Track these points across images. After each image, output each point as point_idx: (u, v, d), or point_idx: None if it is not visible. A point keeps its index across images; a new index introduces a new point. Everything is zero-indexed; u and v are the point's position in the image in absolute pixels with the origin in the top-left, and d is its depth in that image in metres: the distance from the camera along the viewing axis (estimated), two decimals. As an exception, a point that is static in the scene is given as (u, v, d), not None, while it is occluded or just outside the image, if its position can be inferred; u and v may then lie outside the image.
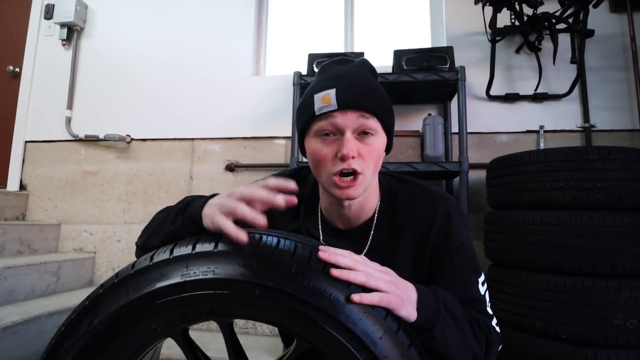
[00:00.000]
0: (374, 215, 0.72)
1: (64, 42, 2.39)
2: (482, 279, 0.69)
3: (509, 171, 1.45)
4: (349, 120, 0.61)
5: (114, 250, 2.19)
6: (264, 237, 0.51)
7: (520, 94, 1.94)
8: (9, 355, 1.37)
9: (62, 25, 2.34)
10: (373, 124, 0.62)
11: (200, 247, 0.50)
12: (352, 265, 0.50)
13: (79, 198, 2.28)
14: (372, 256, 0.56)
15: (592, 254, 1.22)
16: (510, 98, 1.94)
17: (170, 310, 0.48)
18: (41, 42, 2.44)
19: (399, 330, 0.49)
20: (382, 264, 0.55)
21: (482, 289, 0.68)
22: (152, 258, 0.51)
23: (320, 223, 0.74)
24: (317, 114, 0.62)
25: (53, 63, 2.40)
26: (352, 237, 0.72)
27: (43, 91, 2.40)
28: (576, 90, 1.91)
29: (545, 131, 1.92)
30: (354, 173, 0.62)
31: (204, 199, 0.60)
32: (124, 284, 0.50)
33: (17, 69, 2.46)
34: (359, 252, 0.56)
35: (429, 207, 0.69)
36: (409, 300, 0.52)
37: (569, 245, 1.25)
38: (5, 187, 2.35)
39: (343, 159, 0.60)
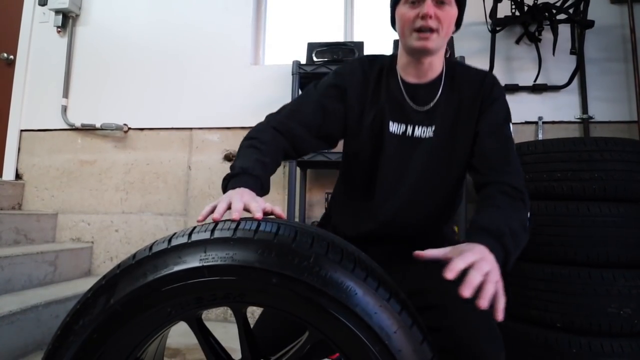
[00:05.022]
0: (440, 75, 0.90)
1: (59, 29, 2.35)
2: (511, 125, 0.89)
3: (507, 162, 1.45)
4: None
5: (112, 240, 2.19)
6: (282, 228, 0.52)
7: (520, 84, 1.94)
8: (7, 344, 1.38)
9: (57, 11, 2.30)
10: None
11: (219, 233, 0.51)
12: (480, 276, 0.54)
13: (76, 188, 2.26)
14: (438, 110, 0.87)
15: (588, 244, 1.24)
16: (510, 89, 1.94)
17: (186, 294, 0.48)
18: (36, 29, 2.40)
19: (412, 326, 0.50)
20: (447, 117, 0.86)
21: (510, 131, 0.89)
22: (170, 241, 0.51)
23: (400, 80, 0.92)
24: None
25: (48, 50, 2.36)
26: (424, 89, 0.90)
27: (38, 79, 2.36)
28: (575, 82, 1.90)
29: (544, 122, 1.92)
30: (430, 30, 0.80)
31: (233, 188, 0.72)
32: (142, 265, 0.49)
33: (12, 57, 2.42)
34: (429, 104, 0.87)
35: (479, 75, 0.91)
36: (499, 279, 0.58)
37: (565, 235, 1.27)
38: (0, 176, 2.33)
39: (423, 17, 0.79)
